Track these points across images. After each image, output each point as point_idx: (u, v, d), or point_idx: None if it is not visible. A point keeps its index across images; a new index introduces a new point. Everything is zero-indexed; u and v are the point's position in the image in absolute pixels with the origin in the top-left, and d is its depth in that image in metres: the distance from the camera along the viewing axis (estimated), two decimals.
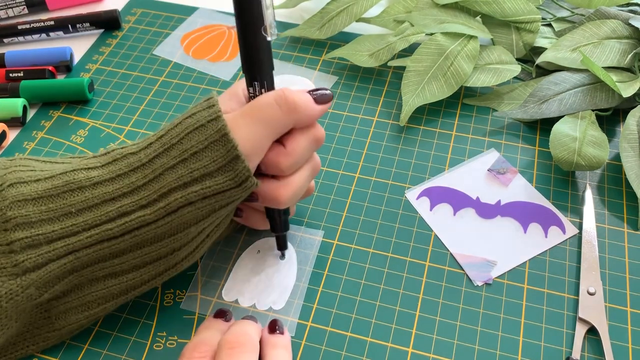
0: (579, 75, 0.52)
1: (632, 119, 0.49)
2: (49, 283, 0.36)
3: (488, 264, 0.44)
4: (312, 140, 0.38)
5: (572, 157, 0.47)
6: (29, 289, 0.35)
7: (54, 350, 0.40)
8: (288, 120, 0.36)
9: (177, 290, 0.43)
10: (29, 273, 0.34)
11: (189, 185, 0.35)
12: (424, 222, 0.46)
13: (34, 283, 0.35)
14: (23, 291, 0.34)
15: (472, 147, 0.51)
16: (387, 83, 0.57)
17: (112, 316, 0.41)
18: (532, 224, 0.46)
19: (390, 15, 0.60)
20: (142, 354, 0.40)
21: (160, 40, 0.62)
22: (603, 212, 0.47)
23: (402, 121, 0.52)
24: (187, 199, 0.35)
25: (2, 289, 0.34)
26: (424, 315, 0.41)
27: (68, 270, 0.36)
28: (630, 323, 0.40)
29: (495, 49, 0.56)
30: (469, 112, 0.54)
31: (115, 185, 0.36)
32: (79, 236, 0.35)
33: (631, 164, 0.47)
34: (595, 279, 0.42)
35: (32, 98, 0.56)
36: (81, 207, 0.35)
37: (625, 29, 0.54)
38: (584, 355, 0.39)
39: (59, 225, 0.35)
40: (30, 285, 0.35)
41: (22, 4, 0.65)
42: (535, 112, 0.51)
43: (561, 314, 0.41)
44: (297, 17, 0.65)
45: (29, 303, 0.35)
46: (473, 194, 0.48)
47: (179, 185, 0.35)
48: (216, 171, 0.35)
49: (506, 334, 0.40)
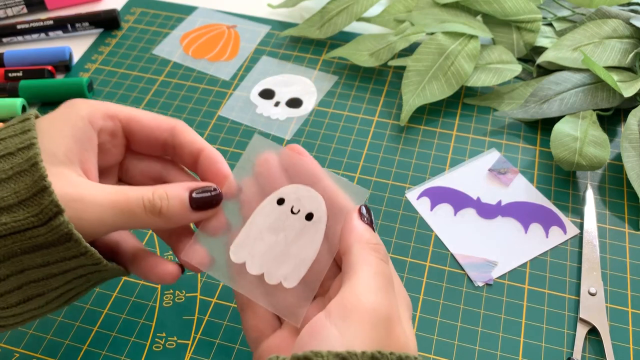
0: (580, 75, 0.52)
1: (633, 118, 0.49)
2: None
3: (489, 264, 0.43)
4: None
5: (573, 157, 0.47)
6: None
7: (53, 350, 0.40)
8: (151, 223, 0.32)
9: (177, 291, 0.43)
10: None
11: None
12: (424, 222, 0.46)
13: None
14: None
15: (472, 147, 0.51)
16: (387, 83, 0.57)
17: (111, 317, 0.41)
18: (533, 224, 0.46)
19: (391, 15, 0.60)
20: (141, 355, 0.40)
21: (159, 39, 0.62)
22: (604, 212, 0.46)
23: (403, 121, 0.52)
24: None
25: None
26: (425, 315, 0.41)
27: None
28: (632, 323, 0.40)
29: (496, 49, 0.55)
30: (470, 112, 0.54)
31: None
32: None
33: (632, 164, 0.47)
34: (596, 279, 0.42)
35: (31, 98, 0.56)
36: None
37: (626, 28, 0.54)
38: (584, 355, 0.39)
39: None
40: None
41: (21, 3, 0.65)
42: (536, 112, 0.51)
43: (562, 314, 0.41)
44: (297, 16, 0.65)
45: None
46: (474, 194, 0.48)
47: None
48: (16, 205, 0.28)
49: (507, 334, 0.40)
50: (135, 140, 0.35)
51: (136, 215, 0.31)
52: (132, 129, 0.35)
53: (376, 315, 0.28)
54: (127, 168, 0.37)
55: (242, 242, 0.34)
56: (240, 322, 0.41)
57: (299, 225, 0.34)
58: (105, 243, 0.35)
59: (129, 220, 0.31)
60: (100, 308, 0.42)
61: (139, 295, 0.42)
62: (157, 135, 0.35)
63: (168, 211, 0.31)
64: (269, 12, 0.65)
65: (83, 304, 0.42)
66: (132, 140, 0.36)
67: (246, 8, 0.65)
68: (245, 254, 0.34)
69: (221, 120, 0.54)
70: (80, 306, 0.42)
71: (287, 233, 0.34)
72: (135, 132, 0.35)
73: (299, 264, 0.33)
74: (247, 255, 0.34)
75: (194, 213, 0.32)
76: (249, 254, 0.34)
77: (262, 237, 0.34)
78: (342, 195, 0.34)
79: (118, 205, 0.30)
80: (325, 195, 0.34)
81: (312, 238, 0.33)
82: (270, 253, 0.34)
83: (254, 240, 0.34)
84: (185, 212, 0.32)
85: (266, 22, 0.64)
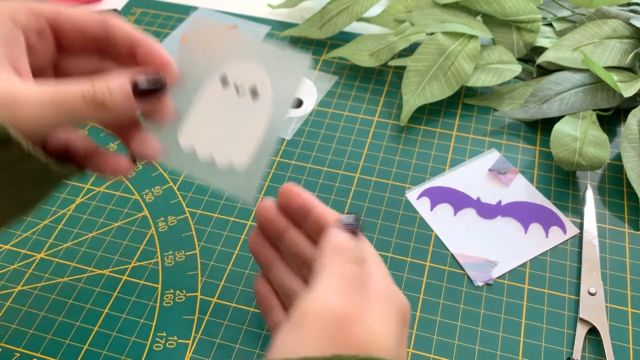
0: (579, 75, 0.52)
1: (633, 118, 0.49)
2: None
3: (489, 264, 0.43)
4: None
5: (573, 157, 0.47)
6: None
7: (53, 350, 0.40)
8: (94, 116, 0.30)
9: (177, 290, 0.43)
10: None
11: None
12: (424, 222, 0.46)
13: None
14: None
15: (472, 147, 0.51)
16: (387, 83, 0.57)
17: (112, 316, 0.41)
18: (532, 224, 0.46)
19: (391, 15, 0.60)
20: (141, 355, 0.40)
21: (159, 39, 0.62)
22: (604, 212, 0.46)
23: (403, 121, 0.52)
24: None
25: None
26: (425, 315, 0.41)
27: None
28: (631, 323, 0.40)
29: (495, 49, 0.56)
30: (470, 112, 0.54)
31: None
32: None
33: (632, 164, 0.47)
34: (596, 279, 0.42)
35: None
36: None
37: (626, 28, 0.54)
38: (584, 355, 0.39)
39: None
40: None
41: None
42: (536, 112, 0.51)
43: (562, 314, 0.41)
44: (297, 16, 0.65)
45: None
46: (474, 194, 0.48)
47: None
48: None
49: (507, 334, 0.40)
50: (65, 36, 0.34)
51: (77, 109, 0.29)
52: (61, 25, 0.33)
53: (330, 316, 0.27)
54: (62, 67, 0.35)
55: (190, 127, 0.34)
56: (240, 322, 0.41)
57: (245, 104, 0.34)
58: (54, 146, 0.34)
59: (69, 115, 0.29)
60: (100, 308, 0.42)
61: (139, 295, 0.42)
62: (88, 30, 0.33)
63: (112, 103, 0.30)
64: (269, 13, 0.65)
65: (83, 303, 0.42)
66: (62, 37, 0.34)
67: (246, 8, 0.65)
68: (194, 139, 0.34)
69: None
70: (80, 306, 0.42)
71: (234, 110, 0.34)
72: (65, 29, 0.33)
73: (247, 144, 0.33)
74: (196, 140, 0.34)
75: (139, 103, 0.31)
76: (197, 138, 0.34)
77: (209, 120, 0.34)
78: (322, 208, 0.34)
79: (56, 101, 0.29)
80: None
81: (259, 117, 0.33)
82: (218, 135, 0.34)
83: (201, 124, 0.34)
84: (129, 102, 0.31)
85: (266, 22, 0.64)
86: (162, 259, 0.44)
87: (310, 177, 0.49)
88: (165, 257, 0.45)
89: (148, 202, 0.48)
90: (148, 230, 0.46)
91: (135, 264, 0.44)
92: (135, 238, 0.46)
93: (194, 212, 0.47)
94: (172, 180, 0.49)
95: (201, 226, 0.46)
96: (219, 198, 0.48)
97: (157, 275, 0.44)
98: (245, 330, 0.41)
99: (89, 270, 0.44)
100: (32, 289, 0.43)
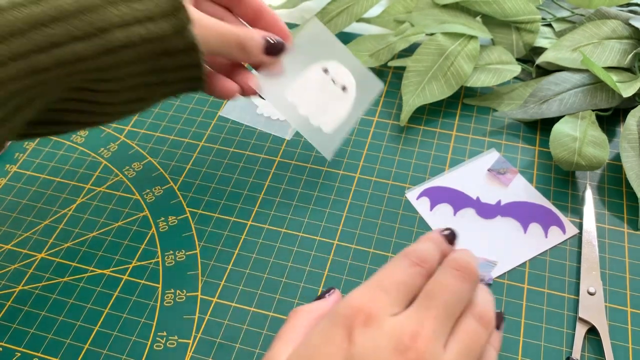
0: (579, 76, 0.52)
1: (632, 119, 0.49)
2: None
3: (488, 264, 0.44)
4: None
5: (572, 157, 0.47)
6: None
7: (54, 350, 0.40)
8: (234, 55, 0.40)
9: (177, 290, 0.43)
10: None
11: (131, 25, 0.33)
12: (424, 222, 0.46)
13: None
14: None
15: (472, 147, 0.51)
16: (387, 83, 0.57)
17: (112, 316, 0.42)
18: (532, 224, 0.46)
19: (391, 15, 0.60)
20: (142, 354, 0.40)
21: None
22: (603, 212, 0.47)
23: (402, 121, 0.52)
24: (130, 40, 0.33)
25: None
26: None
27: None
28: (631, 323, 0.40)
29: (495, 49, 0.56)
30: (469, 112, 0.54)
31: (41, 8, 0.31)
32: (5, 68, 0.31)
33: (631, 164, 0.47)
34: (595, 279, 0.42)
35: None
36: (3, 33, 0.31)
37: (625, 29, 0.54)
38: (584, 355, 0.39)
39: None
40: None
41: None
42: (535, 112, 0.51)
43: (561, 314, 0.41)
44: (297, 17, 0.65)
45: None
46: (473, 194, 0.48)
47: (120, 24, 0.33)
48: (159, 15, 0.34)
49: (506, 333, 0.40)
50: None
51: (231, 47, 0.39)
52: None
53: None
54: (198, 5, 0.42)
55: (296, 88, 0.45)
56: (240, 322, 0.41)
57: (337, 91, 0.46)
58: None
59: (224, 49, 0.39)
60: (101, 307, 0.42)
61: (139, 294, 0.43)
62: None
63: (251, 50, 0.40)
64: None
65: (84, 303, 0.42)
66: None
67: None
68: (297, 98, 0.45)
69: (222, 120, 0.54)
70: (81, 305, 0.42)
71: (329, 94, 0.46)
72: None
73: (334, 118, 0.46)
74: (298, 99, 0.45)
75: (264, 56, 0.41)
76: (299, 99, 0.45)
77: (311, 90, 0.45)
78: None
79: (222, 34, 0.38)
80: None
81: (345, 104, 0.46)
82: (316, 103, 0.45)
83: (304, 89, 0.45)
84: (259, 53, 0.41)
85: None
86: (163, 258, 0.45)
87: (310, 177, 0.49)
88: (165, 257, 0.45)
89: (149, 202, 0.48)
90: (149, 230, 0.46)
91: (136, 264, 0.44)
92: (136, 238, 0.46)
93: (194, 212, 0.47)
94: (172, 181, 0.49)
95: (201, 226, 0.46)
96: (219, 198, 0.48)
97: (157, 275, 0.44)
98: (245, 330, 0.41)
99: (90, 270, 0.44)
100: (33, 289, 0.43)
